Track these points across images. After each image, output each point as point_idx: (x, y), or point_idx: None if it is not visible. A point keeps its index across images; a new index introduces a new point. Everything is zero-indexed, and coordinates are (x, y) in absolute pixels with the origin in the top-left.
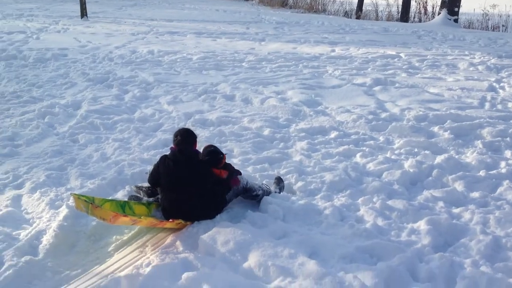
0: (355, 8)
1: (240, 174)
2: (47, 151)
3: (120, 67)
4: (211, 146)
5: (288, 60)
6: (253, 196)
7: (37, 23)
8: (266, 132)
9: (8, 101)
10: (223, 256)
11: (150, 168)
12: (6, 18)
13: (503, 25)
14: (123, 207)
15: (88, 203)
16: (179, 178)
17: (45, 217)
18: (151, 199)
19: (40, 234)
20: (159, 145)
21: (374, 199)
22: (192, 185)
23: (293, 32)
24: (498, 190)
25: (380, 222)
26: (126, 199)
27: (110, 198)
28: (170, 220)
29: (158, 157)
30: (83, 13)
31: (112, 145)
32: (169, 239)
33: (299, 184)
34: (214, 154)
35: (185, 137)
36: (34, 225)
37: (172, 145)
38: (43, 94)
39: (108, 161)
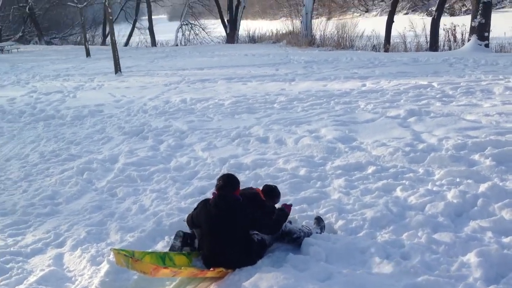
0: (383, 41)
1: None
2: (86, 207)
3: (154, 118)
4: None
5: (319, 98)
6: (293, 239)
7: (73, 82)
8: (302, 172)
9: (47, 160)
10: None
11: (185, 216)
12: (44, 80)
13: None
14: (163, 259)
15: (128, 257)
16: (220, 225)
17: (86, 274)
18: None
19: None
20: (196, 193)
21: (419, 234)
22: (234, 231)
23: (322, 70)
24: None
25: (427, 257)
26: (166, 251)
27: (150, 250)
28: (211, 269)
29: (195, 205)
30: (117, 69)
31: (150, 197)
32: None
33: (340, 223)
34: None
35: (227, 182)
36: (77, 283)
37: (214, 190)
38: (81, 151)
39: (146, 213)
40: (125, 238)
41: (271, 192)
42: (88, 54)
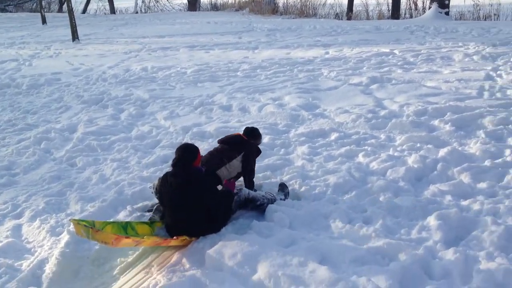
0: (346, 9)
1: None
2: (45, 178)
3: (114, 86)
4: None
5: (283, 66)
6: (257, 206)
7: (29, 50)
8: (266, 139)
9: (3, 130)
10: (231, 270)
11: (151, 184)
12: None
13: (494, 14)
14: (125, 228)
15: (89, 228)
16: (180, 197)
17: (46, 245)
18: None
19: (42, 263)
20: (158, 162)
21: (381, 198)
22: (194, 202)
23: (286, 38)
24: (506, 179)
25: (388, 221)
26: (127, 220)
27: (111, 220)
28: (174, 237)
29: (158, 174)
30: (75, 36)
31: (111, 166)
32: (175, 257)
33: (304, 189)
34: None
35: (181, 156)
36: (36, 254)
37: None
38: (38, 120)
39: (107, 182)
40: (86, 208)
41: (252, 133)
42: (44, 21)
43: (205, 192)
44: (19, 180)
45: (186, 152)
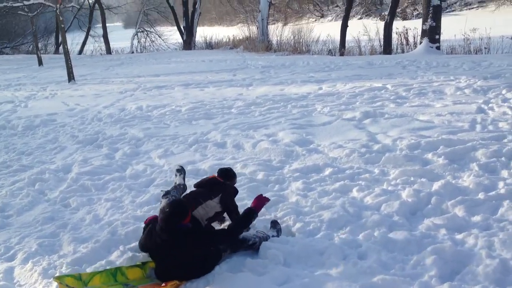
0: (338, 45)
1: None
2: (38, 219)
3: (109, 126)
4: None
5: (277, 102)
6: (249, 246)
7: (25, 92)
8: (260, 176)
9: None
10: None
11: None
12: None
13: (485, 48)
14: (114, 275)
15: None
16: (168, 252)
17: (38, 287)
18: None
19: None
20: (152, 200)
21: (375, 233)
22: (184, 255)
23: (280, 75)
24: (499, 212)
25: (383, 256)
26: (117, 265)
27: (101, 267)
28: (164, 284)
29: (152, 213)
30: (70, 77)
31: (105, 206)
32: None
33: (298, 225)
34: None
35: (168, 217)
36: None
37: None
38: (33, 161)
39: (101, 223)
40: (78, 249)
41: (227, 173)
42: (40, 63)
43: (191, 247)
44: (12, 222)
45: (175, 213)
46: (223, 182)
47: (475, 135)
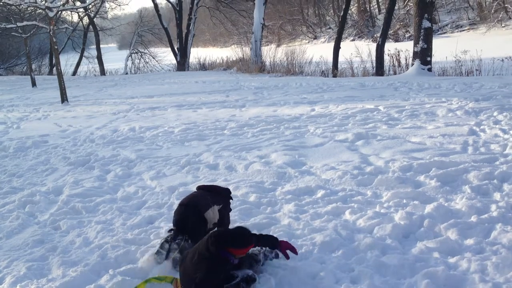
0: (331, 67)
1: None
2: (27, 242)
3: (101, 147)
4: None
5: (269, 123)
6: (256, 262)
7: (17, 113)
8: (252, 198)
9: None
10: None
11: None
12: None
13: (476, 69)
14: None
15: None
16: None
17: None
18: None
19: None
20: (143, 223)
21: (368, 257)
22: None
23: (273, 96)
24: (492, 235)
25: (376, 280)
26: (109, 285)
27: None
28: None
29: (142, 236)
30: (64, 98)
31: (95, 228)
32: None
33: None
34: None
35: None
36: None
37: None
38: (23, 183)
39: (91, 246)
40: (68, 273)
41: (229, 192)
42: (34, 84)
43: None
44: (1, 245)
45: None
46: (226, 196)
47: (467, 157)
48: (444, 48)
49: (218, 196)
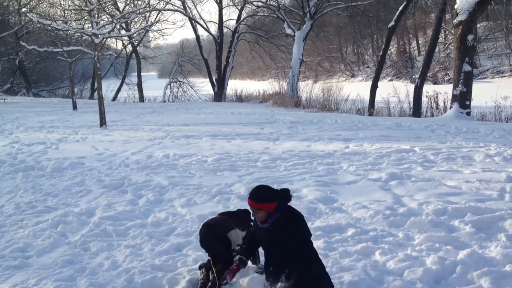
0: (367, 105)
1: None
2: (57, 261)
3: (135, 172)
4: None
5: (302, 158)
6: None
7: (57, 134)
8: None
9: (22, 211)
10: None
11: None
12: (28, 131)
13: None
14: None
15: None
16: None
17: None
18: None
19: None
20: (171, 250)
21: None
22: None
23: (307, 131)
24: None
25: None
26: None
27: None
28: None
29: (170, 263)
30: (102, 122)
31: (124, 252)
32: None
33: None
34: None
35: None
36: None
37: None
38: (58, 203)
39: (118, 269)
40: None
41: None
42: (74, 107)
43: None
44: (32, 262)
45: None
46: (246, 218)
47: (503, 205)
48: (484, 93)
49: (241, 220)
